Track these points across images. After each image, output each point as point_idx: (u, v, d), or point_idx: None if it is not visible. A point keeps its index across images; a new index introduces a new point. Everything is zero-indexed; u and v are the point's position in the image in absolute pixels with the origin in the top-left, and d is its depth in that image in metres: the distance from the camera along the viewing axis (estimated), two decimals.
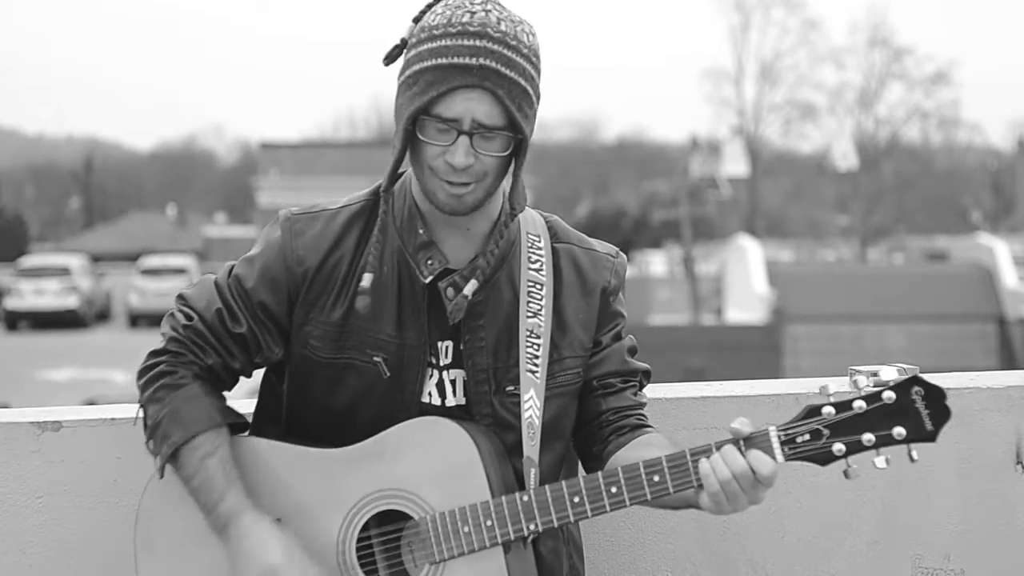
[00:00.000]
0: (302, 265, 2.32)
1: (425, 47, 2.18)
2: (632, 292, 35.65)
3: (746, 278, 31.75)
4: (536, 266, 2.36)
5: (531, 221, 2.41)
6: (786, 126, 53.77)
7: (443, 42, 2.16)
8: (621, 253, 2.47)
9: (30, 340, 32.01)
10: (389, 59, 2.26)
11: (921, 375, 2.16)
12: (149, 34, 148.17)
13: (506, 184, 2.31)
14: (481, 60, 2.14)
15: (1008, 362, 27.73)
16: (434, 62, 2.16)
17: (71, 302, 34.75)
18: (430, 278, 2.29)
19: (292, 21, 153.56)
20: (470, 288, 2.25)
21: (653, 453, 2.22)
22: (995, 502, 2.95)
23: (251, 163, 58.38)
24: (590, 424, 2.40)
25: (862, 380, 2.15)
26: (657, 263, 43.81)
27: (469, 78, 2.14)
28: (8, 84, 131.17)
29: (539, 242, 2.39)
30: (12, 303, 34.66)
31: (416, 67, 2.18)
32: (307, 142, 55.60)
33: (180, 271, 36.55)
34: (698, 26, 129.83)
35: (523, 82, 2.19)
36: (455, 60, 2.14)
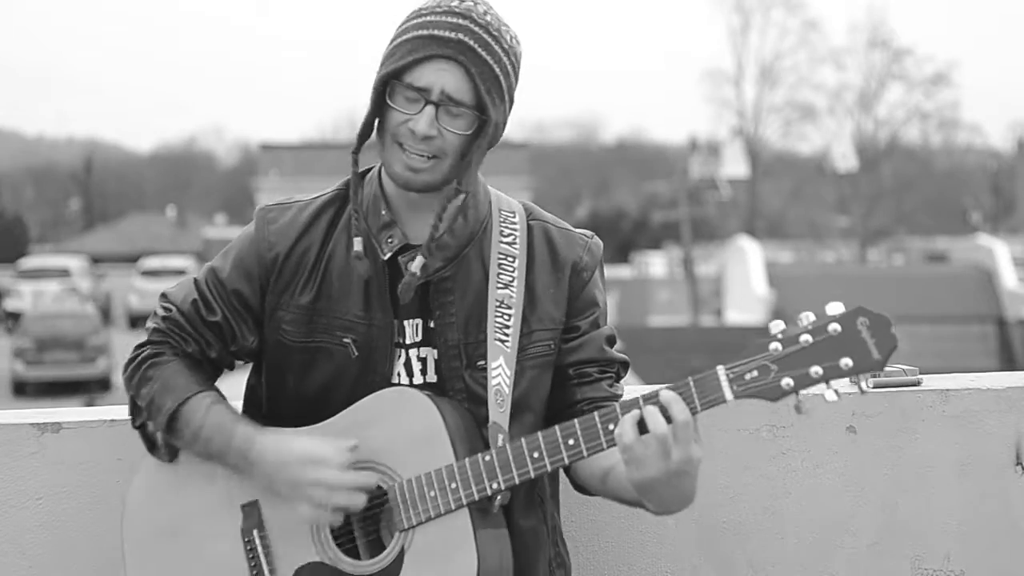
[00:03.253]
0: (272, 250, 2.38)
1: (409, 23, 2.27)
2: (632, 293, 35.71)
3: (746, 279, 31.78)
4: (509, 239, 2.39)
5: (506, 202, 2.45)
6: (786, 127, 53.88)
7: (427, 18, 2.25)
8: (596, 237, 2.49)
9: None
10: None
11: (865, 307, 2.14)
12: (149, 34, 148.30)
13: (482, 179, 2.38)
14: (460, 35, 2.22)
15: (1008, 363, 27.74)
16: (414, 33, 2.24)
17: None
18: (389, 254, 2.34)
19: (292, 21, 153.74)
20: (416, 265, 2.29)
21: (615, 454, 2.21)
22: (995, 502, 2.95)
23: (251, 164, 58.45)
24: (563, 413, 2.40)
25: (808, 316, 2.15)
26: (657, 264, 43.87)
27: (445, 49, 2.22)
28: (8, 84, 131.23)
29: (513, 218, 2.42)
30: (12, 304, 34.68)
31: (397, 41, 2.26)
32: (307, 143, 55.71)
33: (180, 272, 36.55)
34: (698, 27, 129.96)
35: (496, 69, 2.25)
36: (434, 32, 2.23)
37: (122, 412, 2.79)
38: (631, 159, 65.26)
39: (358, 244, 2.32)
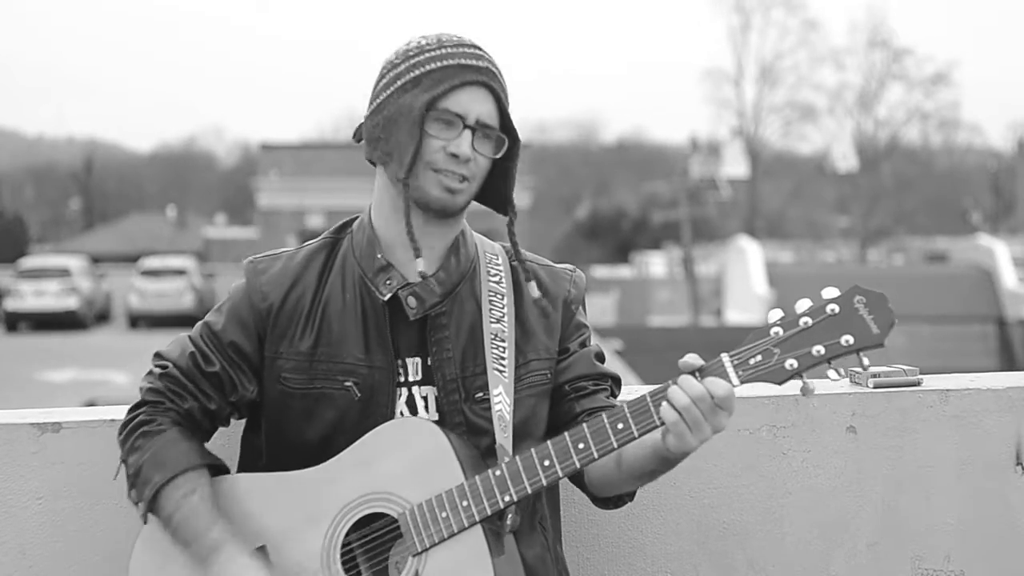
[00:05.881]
0: (266, 300, 2.40)
1: (425, 56, 2.31)
2: (632, 293, 35.70)
3: (746, 279, 31.79)
4: (496, 279, 2.44)
5: (488, 244, 2.51)
6: (786, 127, 53.93)
7: (445, 50, 2.31)
8: (578, 270, 2.55)
9: (30, 341, 31.97)
10: (357, 136, 2.39)
11: (860, 285, 2.19)
12: (149, 34, 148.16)
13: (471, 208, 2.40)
14: (485, 63, 2.31)
15: (1008, 363, 27.76)
16: (441, 64, 2.29)
17: (71, 303, 34.72)
18: (388, 295, 2.35)
19: (292, 21, 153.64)
20: (421, 264, 2.29)
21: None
22: (995, 503, 2.95)
23: (251, 164, 58.34)
24: (565, 428, 2.40)
25: (805, 302, 2.20)
26: (657, 264, 43.85)
27: (478, 76, 2.29)
28: (8, 84, 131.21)
29: (497, 259, 2.48)
30: (12, 304, 34.63)
31: (419, 71, 2.30)
32: (307, 143, 55.55)
33: (180, 272, 36.46)
34: (698, 27, 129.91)
35: (506, 97, 2.35)
36: (462, 61, 2.30)
37: (122, 412, 2.79)
38: (631, 159, 65.21)
39: (421, 264, 2.31)
